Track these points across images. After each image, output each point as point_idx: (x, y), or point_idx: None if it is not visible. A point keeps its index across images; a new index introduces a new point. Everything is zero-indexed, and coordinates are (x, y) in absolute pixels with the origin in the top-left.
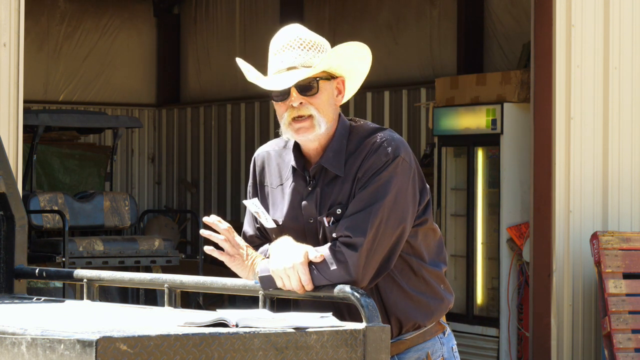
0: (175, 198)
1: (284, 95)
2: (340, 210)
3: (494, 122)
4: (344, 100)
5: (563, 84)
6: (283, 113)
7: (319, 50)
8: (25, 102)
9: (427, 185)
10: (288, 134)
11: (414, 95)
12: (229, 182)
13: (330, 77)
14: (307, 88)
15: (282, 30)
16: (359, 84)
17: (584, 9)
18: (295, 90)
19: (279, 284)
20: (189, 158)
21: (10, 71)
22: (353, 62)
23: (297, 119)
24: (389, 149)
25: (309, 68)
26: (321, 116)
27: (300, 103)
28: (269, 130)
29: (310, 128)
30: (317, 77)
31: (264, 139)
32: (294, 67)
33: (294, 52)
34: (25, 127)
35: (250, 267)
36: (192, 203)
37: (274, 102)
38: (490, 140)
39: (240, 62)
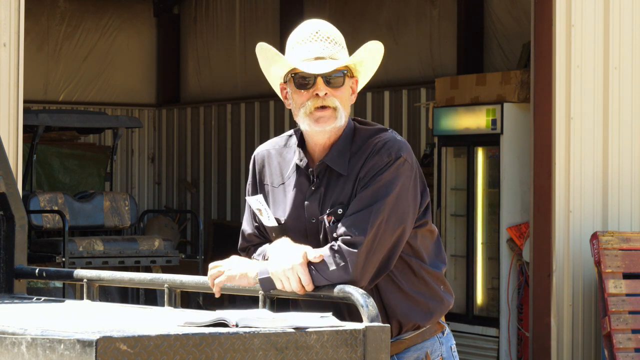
0: (175, 198)
1: (309, 84)
2: (341, 210)
3: (494, 122)
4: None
5: (563, 84)
6: (304, 101)
7: (342, 47)
8: (25, 102)
9: (427, 188)
10: (305, 123)
11: (414, 95)
12: (229, 182)
13: (351, 75)
14: (334, 79)
15: (307, 22)
16: (363, 84)
17: (584, 9)
18: (322, 80)
19: (278, 286)
20: (189, 158)
21: (10, 71)
22: (372, 63)
23: (320, 108)
24: (392, 149)
25: (336, 60)
26: (343, 109)
27: (325, 93)
28: (269, 130)
29: (332, 118)
30: (344, 71)
31: (264, 139)
32: (322, 58)
33: (321, 44)
34: (25, 127)
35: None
36: (192, 203)
37: (293, 90)
38: (490, 140)
39: (262, 49)
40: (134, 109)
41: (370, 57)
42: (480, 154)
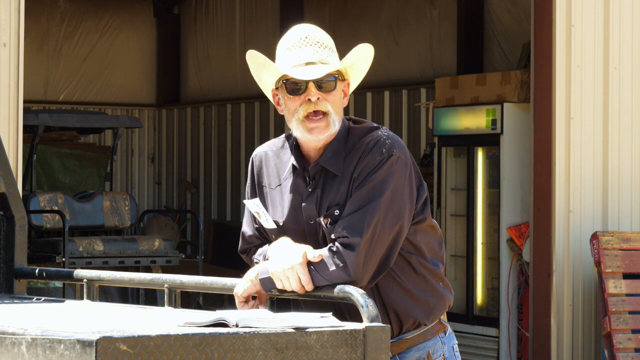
0: (175, 198)
1: (301, 89)
2: (338, 211)
3: (494, 122)
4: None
5: (563, 84)
6: (297, 108)
7: (332, 51)
8: (25, 102)
9: (424, 183)
10: (298, 131)
11: (414, 95)
12: (229, 182)
13: (342, 78)
14: (326, 84)
15: (296, 27)
16: (354, 87)
17: (584, 9)
18: (314, 85)
19: (278, 286)
20: (189, 158)
21: (10, 71)
22: (363, 65)
23: (313, 116)
24: (384, 147)
25: (327, 65)
26: (335, 114)
27: (318, 98)
28: (269, 130)
29: (325, 128)
30: (336, 75)
31: (264, 139)
32: (312, 63)
33: (311, 49)
34: (25, 127)
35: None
36: (192, 203)
37: (285, 97)
38: (490, 140)
39: (252, 56)
40: (134, 109)
41: (361, 61)
42: (480, 154)
